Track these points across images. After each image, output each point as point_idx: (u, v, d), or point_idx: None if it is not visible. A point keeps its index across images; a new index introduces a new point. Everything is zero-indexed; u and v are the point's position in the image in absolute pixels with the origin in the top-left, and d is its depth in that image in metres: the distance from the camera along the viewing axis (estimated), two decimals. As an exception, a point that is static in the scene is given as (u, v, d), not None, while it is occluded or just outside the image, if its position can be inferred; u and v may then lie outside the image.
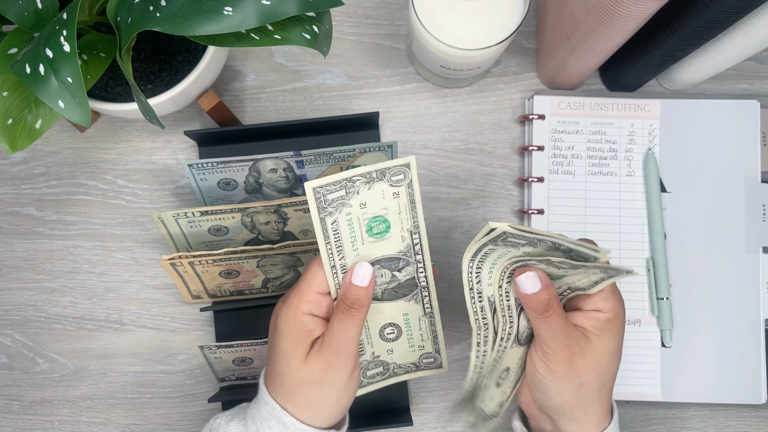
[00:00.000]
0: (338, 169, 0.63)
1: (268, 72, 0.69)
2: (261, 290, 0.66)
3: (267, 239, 0.65)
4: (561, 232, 0.49)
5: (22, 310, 0.68)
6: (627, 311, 0.65)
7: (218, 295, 0.66)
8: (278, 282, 0.65)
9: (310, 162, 0.63)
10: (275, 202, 0.61)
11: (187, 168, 0.62)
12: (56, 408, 0.67)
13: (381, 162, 0.49)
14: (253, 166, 0.63)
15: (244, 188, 0.65)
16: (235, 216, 0.62)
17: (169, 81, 0.59)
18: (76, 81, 0.42)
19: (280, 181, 0.64)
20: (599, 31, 0.54)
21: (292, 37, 0.49)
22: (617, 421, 0.52)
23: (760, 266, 0.65)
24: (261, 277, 0.64)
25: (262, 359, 0.63)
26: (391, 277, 0.53)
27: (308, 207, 0.58)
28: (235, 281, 0.65)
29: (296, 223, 0.64)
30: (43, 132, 0.48)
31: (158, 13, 0.45)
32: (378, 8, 0.70)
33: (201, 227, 0.63)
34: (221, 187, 0.64)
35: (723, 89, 0.69)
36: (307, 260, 0.63)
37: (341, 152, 0.62)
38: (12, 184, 0.68)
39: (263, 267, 0.63)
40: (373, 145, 0.62)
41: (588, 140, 0.67)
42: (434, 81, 0.68)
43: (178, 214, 0.61)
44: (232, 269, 0.63)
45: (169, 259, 0.60)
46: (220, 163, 0.62)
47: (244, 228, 0.63)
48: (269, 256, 0.62)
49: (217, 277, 0.64)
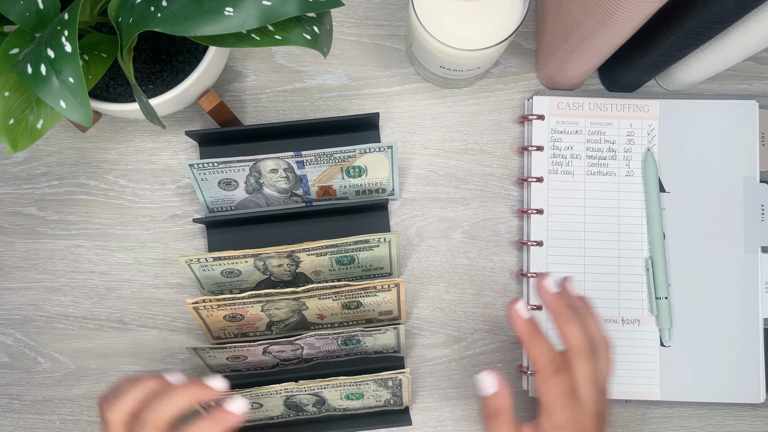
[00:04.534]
0: (338, 169, 0.64)
1: (269, 72, 0.69)
2: (265, 332, 0.66)
3: (279, 280, 0.65)
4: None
5: (24, 309, 0.68)
6: (627, 310, 0.65)
7: (222, 338, 0.66)
8: (282, 325, 0.65)
9: (311, 162, 0.63)
10: (287, 249, 0.61)
11: (188, 168, 0.62)
12: (57, 407, 0.67)
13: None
14: (254, 166, 0.63)
15: (244, 188, 0.65)
16: (248, 261, 0.63)
17: (170, 81, 0.59)
18: (78, 81, 0.43)
19: (280, 181, 0.64)
20: (598, 31, 0.54)
21: (293, 37, 0.49)
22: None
23: (758, 266, 0.66)
24: (265, 321, 0.65)
25: (255, 356, 0.63)
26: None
27: (322, 251, 0.62)
28: (239, 324, 0.65)
29: (309, 265, 0.64)
30: (45, 132, 0.48)
31: (159, 13, 0.45)
32: (378, 9, 0.70)
33: (213, 271, 0.63)
34: (222, 186, 0.64)
35: (722, 90, 0.70)
36: (311, 305, 0.63)
37: (342, 153, 0.62)
38: (13, 184, 0.69)
39: (267, 311, 0.63)
40: (373, 146, 0.62)
41: (587, 140, 0.67)
42: (434, 81, 0.68)
43: (191, 260, 0.62)
44: (236, 313, 0.63)
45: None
46: (221, 163, 0.62)
47: (257, 270, 0.64)
48: (274, 301, 0.62)
49: (221, 320, 0.64)
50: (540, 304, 0.65)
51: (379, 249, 0.63)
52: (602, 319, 0.65)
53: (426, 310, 0.68)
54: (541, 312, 0.65)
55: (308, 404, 0.64)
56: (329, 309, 0.64)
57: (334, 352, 0.64)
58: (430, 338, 0.68)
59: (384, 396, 0.64)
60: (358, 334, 0.62)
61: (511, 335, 0.68)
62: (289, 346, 0.62)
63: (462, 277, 0.68)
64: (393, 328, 0.61)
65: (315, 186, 0.65)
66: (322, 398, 0.63)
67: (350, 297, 0.62)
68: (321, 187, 0.65)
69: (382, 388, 0.62)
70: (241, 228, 0.67)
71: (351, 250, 0.63)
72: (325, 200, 0.67)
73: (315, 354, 0.64)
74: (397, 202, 0.68)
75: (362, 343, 0.63)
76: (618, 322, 0.65)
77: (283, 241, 0.66)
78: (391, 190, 0.67)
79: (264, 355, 0.63)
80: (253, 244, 0.67)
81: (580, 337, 0.53)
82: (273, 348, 0.62)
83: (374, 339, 0.63)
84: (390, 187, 0.67)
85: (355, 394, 0.63)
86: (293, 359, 0.65)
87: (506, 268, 0.68)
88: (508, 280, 0.68)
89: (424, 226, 0.68)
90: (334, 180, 0.65)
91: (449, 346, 0.68)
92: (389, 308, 0.64)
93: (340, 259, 0.64)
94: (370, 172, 0.64)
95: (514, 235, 0.68)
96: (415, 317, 0.68)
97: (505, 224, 0.68)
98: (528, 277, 0.66)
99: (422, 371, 0.67)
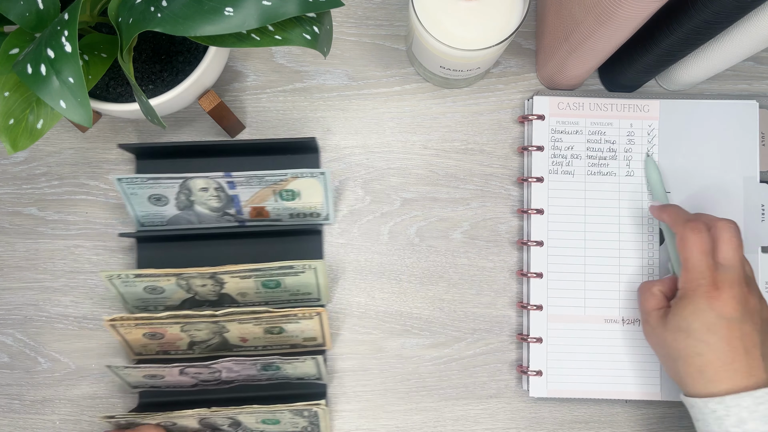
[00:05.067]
0: (271, 192, 0.63)
1: (269, 72, 0.69)
2: (187, 351, 0.66)
3: (204, 299, 0.65)
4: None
5: (24, 309, 0.68)
6: (627, 310, 0.65)
7: (143, 354, 0.66)
8: (204, 345, 0.65)
9: (242, 183, 0.62)
10: (210, 270, 0.61)
11: (116, 182, 0.62)
12: (57, 407, 0.67)
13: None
14: (184, 183, 0.62)
15: (175, 204, 0.64)
16: (170, 279, 0.62)
17: (170, 81, 0.59)
18: (78, 81, 0.43)
19: (212, 200, 0.64)
20: (598, 31, 0.54)
21: (293, 37, 0.49)
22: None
23: (759, 266, 0.66)
24: (186, 340, 0.64)
25: (173, 376, 0.63)
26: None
27: (245, 273, 0.62)
28: (160, 342, 0.64)
29: (234, 287, 0.64)
30: (45, 132, 0.48)
31: (159, 13, 0.45)
32: (378, 9, 0.70)
33: (136, 287, 0.63)
34: (152, 202, 0.64)
35: (722, 90, 0.70)
36: (232, 328, 0.63)
37: (273, 176, 0.62)
38: (13, 184, 0.69)
39: (188, 331, 0.63)
40: (305, 171, 0.62)
41: (587, 140, 0.67)
42: (434, 81, 0.68)
43: (112, 275, 0.62)
44: (156, 332, 0.63)
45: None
46: (150, 179, 0.62)
47: (180, 289, 0.64)
48: (193, 323, 0.62)
49: (141, 338, 0.64)
50: (541, 304, 0.65)
51: (305, 275, 0.63)
52: (603, 319, 0.65)
53: (426, 310, 0.68)
54: (542, 312, 0.65)
55: (224, 425, 0.63)
56: (251, 333, 0.64)
57: (254, 376, 0.64)
58: (430, 338, 0.68)
59: (301, 423, 0.63)
60: (277, 362, 0.61)
61: (512, 335, 0.68)
62: (207, 369, 0.62)
63: (462, 277, 0.68)
64: (312, 358, 0.61)
65: (248, 207, 0.65)
66: (237, 421, 0.63)
67: (272, 323, 0.62)
68: (254, 208, 0.65)
69: (298, 416, 0.62)
70: (172, 244, 0.67)
71: (276, 274, 0.63)
72: (258, 221, 0.66)
73: (235, 377, 0.64)
74: (397, 203, 0.68)
75: (282, 369, 0.63)
76: (618, 322, 0.65)
77: (214, 260, 0.65)
78: (326, 214, 0.67)
79: (181, 376, 0.63)
80: (184, 261, 0.66)
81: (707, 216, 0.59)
82: (190, 370, 0.62)
83: (294, 367, 0.62)
84: (325, 212, 0.66)
85: (272, 420, 0.62)
86: (212, 381, 0.64)
87: (506, 268, 0.68)
88: (508, 280, 0.68)
89: (424, 226, 0.68)
90: (267, 202, 0.64)
91: (449, 346, 0.68)
92: (313, 335, 0.64)
93: (266, 283, 0.63)
94: (304, 196, 0.64)
95: (514, 235, 0.68)
96: (415, 317, 0.68)
97: (505, 224, 0.68)
98: (528, 277, 0.66)
99: (422, 371, 0.67)
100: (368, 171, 0.69)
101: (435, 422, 0.67)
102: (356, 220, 0.68)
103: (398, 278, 0.68)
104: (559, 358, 0.65)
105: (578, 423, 0.67)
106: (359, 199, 0.68)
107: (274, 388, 0.66)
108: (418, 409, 0.67)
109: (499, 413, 0.67)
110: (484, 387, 0.67)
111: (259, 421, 0.63)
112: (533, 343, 0.65)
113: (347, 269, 0.68)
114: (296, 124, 0.69)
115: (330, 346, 0.66)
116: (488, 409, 0.67)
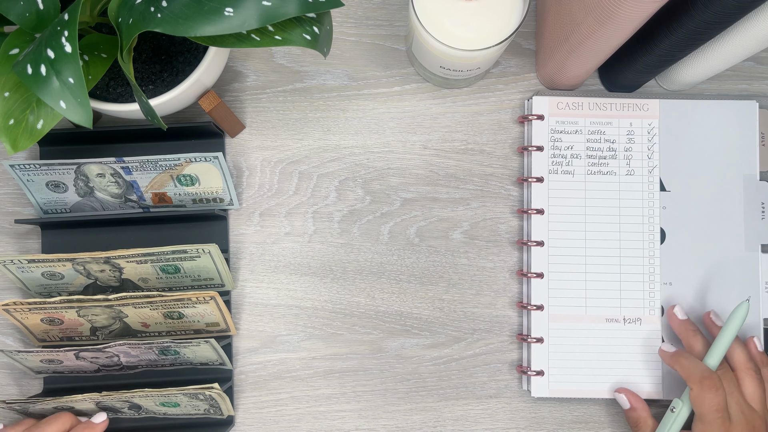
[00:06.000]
0: (168, 177, 0.63)
1: (269, 73, 0.69)
2: (91, 338, 0.65)
3: (106, 285, 0.65)
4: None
5: None
6: (628, 309, 0.66)
7: (47, 340, 0.66)
8: (107, 331, 0.65)
9: (137, 169, 0.62)
10: (103, 254, 0.61)
11: (9, 168, 0.62)
12: (57, 407, 0.68)
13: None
14: (79, 169, 0.62)
15: (75, 191, 0.64)
16: (66, 264, 0.62)
17: (170, 82, 0.59)
18: (78, 81, 0.43)
19: (111, 185, 0.64)
20: (598, 32, 0.54)
21: (293, 37, 0.49)
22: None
23: (759, 264, 0.66)
24: (87, 326, 0.64)
25: (71, 360, 0.62)
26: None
27: (141, 258, 0.61)
28: (61, 328, 0.64)
29: (133, 272, 0.64)
30: (45, 132, 0.48)
31: (159, 14, 0.45)
32: (378, 9, 0.70)
33: (33, 273, 0.63)
34: (51, 188, 0.64)
35: (722, 90, 0.70)
36: (130, 313, 0.62)
37: (166, 161, 0.62)
38: (13, 185, 0.69)
39: (85, 316, 0.63)
40: (198, 155, 0.62)
41: (587, 140, 0.67)
42: (434, 82, 0.68)
43: (5, 261, 0.61)
44: (53, 317, 0.63)
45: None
46: (44, 165, 0.62)
47: (79, 274, 0.63)
48: (87, 308, 0.61)
49: (40, 323, 0.63)
50: (542, 304, 0.65)
51: (201, 260, 0.63)
52: (604, 318, 0.66)
53: (426, 310, 0.68)
54: (543, 312, 0.65)
55: (122, 408, 0.63)
56: (151, 318, 0.63)
57: (156, 361, 0.64)
58: (429, 338, 0.68)
59: (202, 406, 0.63)
60: (172, 346, 0.61)
61: (511, 335, 0.68)
62: (102, 354, 0.61)
63: (462, 277, 0.68)
64: (206, 341, 0.60)
65: (149, 192, 0.65)
66: (135, 404, 0.62)
67: (167, 307, 0.62)
68: (155, 194, 0.65)
69: (194, 399, 0.62)
70: (75, 231, 0.67)
71: (171, 259, 0.62)
72: (162, 207, 0.66)
73: (136, 362, 0.64)
74: (397, 203, 0.68)
75: (182, 354, 0.63)
76: (620, 321, 0.65)
77: (118, 246, 0.65)
78: (229, 199, 0.66)
79: (79, 360, 0.62)
80: (87, 247, 0.65)
81: (737, 353, 0.61)
82: (85, 354, 0.61)
83: (193, 351, 0.62)
84: (228, 197, 0.66)
85: (170, 403, 0.62)
86: (113, 366, 0.64)
87: (506, 268, 0.68)
88: (508, 280, 0.68)
89: (424, 226, 0.68)
90: (167, 187, 0.64)
91: (449, 346, 0.68)
92: (214, 320, 0.64)
93: (165, 268, 0.63)
94: (203, 181, 0.64)
95: (514, 235, 0.68)
96: (415, 317, 0.68)
97: (505, 224, 0.69)
98: (529, 277, 0.66)
99: (422, 371, 0.67)
100: (368, 171, 0.69)
101: (435, 422, 0.67)
102: (356, 220, 0.68)
103: (398, 278, 0.68)
104: (560, 357, 0.65)
105: (578, 423, 0.67)
106: (359, 199, 0.68)
107: (180, 373, 0.66)
108: (418, 409, 0.67)
109: (499, 413, 0.67)
110: (484, 387, 0.67)
111: (157, 404, 0.62)
112: (534, 343, 0.65)
113: (347, 269, 0.68)
114: (296, 124, 0.69)
115: (234, 332, 0.66)
116: (488, 409, 0.67)
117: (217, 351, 0.62)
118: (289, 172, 0.68)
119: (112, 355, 0.62)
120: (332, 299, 0.68)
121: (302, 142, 0.69)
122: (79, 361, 0.62)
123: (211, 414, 0.65)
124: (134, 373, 0.65)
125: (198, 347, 0.61)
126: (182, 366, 0.65)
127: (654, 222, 0.66)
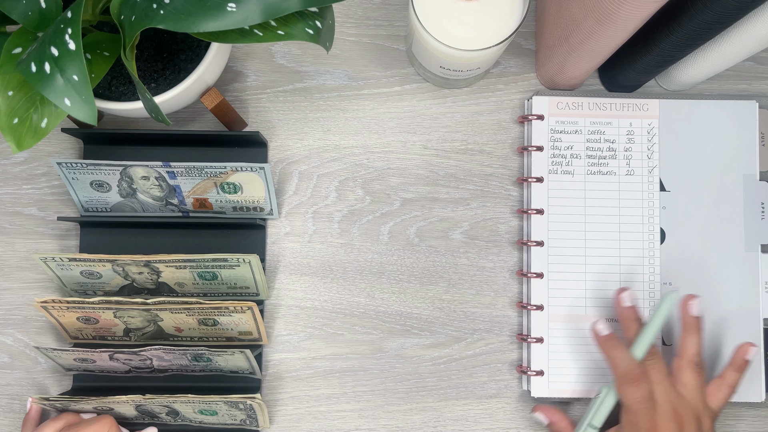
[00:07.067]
0: (212, 184, 0.63)
1: (269, 73, 0.70)
2: (123, 338, 0.66)
3: (142, 287, 0.65)
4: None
5: (24, 309, 0.68)
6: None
7: (80, 338, 0.66)
8: (140, 333, 0.65)
9: (182, 174, 0.63)
10: (143, 258, 0.61)
11: (56, 166, 0.62)
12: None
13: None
14: (124, 171, 0.62)
15: (118, 192, 0.65)
16: (106, 265, 0.62)
17: (173, 79, 0.59)
18: (82, 79, 0.43)
19: (153, 188, 0.64)
20: (598, 32, 0.54)
21: (296, 32, 0.49)
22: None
23: (759, 264, 0.66)
24: (122, 327, 0.64)
25: (104, 361, 0.62)
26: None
27: (180, 263, 0.62)
28: (95, 327, 0.64)
29: (170, 276, 0.64)
30: (49, 131, 0.48)
31: (162, 10, 0.45)
32: (378, 9, 0.70)
33: (72, 270, 0.63)
34: (94, 188, 0.64)
35: (722, 90, 0.70)
36: (165, 317, 0.63)
37: (212, 168, 0.62)
38: (14, 184, 0.69)
39: (121, 317, 0.63)
40: (245, 165, 0.62)
41: (587, 140, 0.67)
42: (434, 82, 0.69)
43: (46, 257, 0.62)
44: (89, 316, 0.63)
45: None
46: (90, 164, 0.62)
47: (117, 275, 0.64)
48: (124, 309, 0.62)
49: (75, 322, 0.64)
50: (542, 304, 0.66)
51: (240, 269, 0.63)
52: (604, 318, 0.66)
53: (426, 310, 0.68)
54: (543, 312, 0.65)
55: (161, 413, 0.63)
56: (185, 323, 0.64)
57: (187, 366, 0.64)
58: (430, 338, 0.68)
59: (239, 416, 0.63)
60: (206, 353, 0.61)
61: (511, 335, 0.68)
62: (136, 356, 0.62)
63: (462, 277, 0.68)
64: (240, 351, 0.61)
65: (190, 197, 0.65)
66: (174, 410, 0.63)
67: (204, 314, 0.62)
68: (196, 199, 0.65)
69: (234, 409, 0.62)
70: (115, 230, 0.67)
71: (210, 266, 0.63)
72: (202, 212, 0.66)
73: (167, 366, 0.64)
74: (397, 203, 0.68)
75: (214, 361, 0.63)
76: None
77: (156, 249, 0.65)
78: (270, 209, 0.67)
79: (112, 361, 0.63)
80: (126, 248, 0.66)
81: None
82: (120, 356, 0.62)
83: (226, 360, 0.62)
84: (268, 207, 0.66)
85: (209, 411, 0.63)
86: (144, 368, 0.64)
87: (506, 268, 0.68)
88: (508, 280, 0.68)
89: (424, 226, 0.68)
90: (209, 194, 0.65)
91: (449, 346, 0.68)
92: (248, 329, 0.64)
93: (202, 274, 0.64)
94: (246, 190, 0.64)
95: (514, 235, 0.69)
96: (415, 317, 0.68)
97: (505, 224, 0.69)
98: (528, 277, 0.66)
99: (422, 371, 0.67)
100: (368, 171, 0.69)
101: (435, 422, 0.67)
102: (356, 220, 0.68)
103: (398, 278, 0.68)
104: (560, 357, 0.65)
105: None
106: (359, 199, 0.69)
107: (209, 380, 0.66)
108: (418, 409, 0.67)
109: (499, 413, 0.67)
110: (484, 387, 0.67)
111: (196, 411, 0.63)
112: (534, 343, 0.66)
113: (347, 269, 0.68)
114: (296, 124, 0.69)
115: (266, 341, 0.66)
116: (488, 409, 0.67)
117: (250, 361, 0.62)
118: (289, 172, 0.69)
119: (145, 359, 0.62)
120: (332, 299, 0.68)
121: (302, 142, 0.69)
122: (112, 362, 0.63)
123: (246, 425, 0.65)
124: (164, 376, 0.65)
125: (232, 356, 0.61)
126: (212, 373, 0.65)
127: (654, 222, 0.66)
